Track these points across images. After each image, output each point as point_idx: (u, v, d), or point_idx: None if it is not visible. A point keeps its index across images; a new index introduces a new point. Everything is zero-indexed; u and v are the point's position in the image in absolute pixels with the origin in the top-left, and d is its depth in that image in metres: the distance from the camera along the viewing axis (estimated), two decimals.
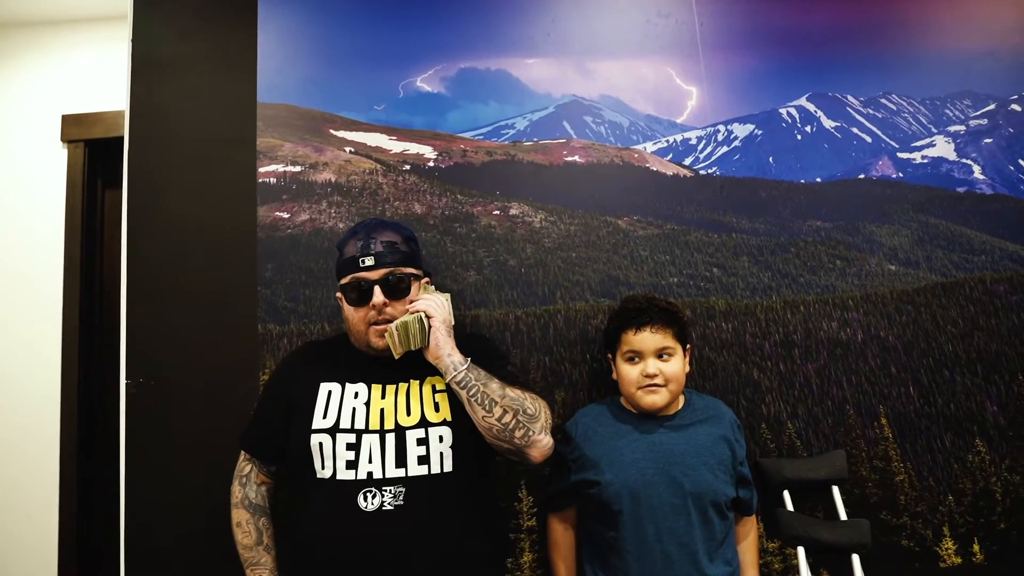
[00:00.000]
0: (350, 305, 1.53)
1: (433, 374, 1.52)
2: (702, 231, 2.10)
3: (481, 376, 1.45)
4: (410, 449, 1.44)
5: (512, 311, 2.01)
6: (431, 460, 1.45)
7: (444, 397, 1.51)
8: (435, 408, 1.50)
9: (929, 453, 1.96)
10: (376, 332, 1.51)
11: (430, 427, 1.47)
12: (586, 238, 2.08)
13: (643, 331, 1.64)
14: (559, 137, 2.15)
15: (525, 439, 1.44)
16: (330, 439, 1.45)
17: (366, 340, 1.52)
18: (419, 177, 2.10)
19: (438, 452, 1.46)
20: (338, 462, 1.43)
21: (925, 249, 2.11)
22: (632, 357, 1.65)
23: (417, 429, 1.46)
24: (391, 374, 1.52)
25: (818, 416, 1.98)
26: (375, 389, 1.50)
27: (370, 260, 1.51)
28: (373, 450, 1.43)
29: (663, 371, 1.63)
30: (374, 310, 1.50)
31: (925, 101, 2.24)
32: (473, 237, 2.06)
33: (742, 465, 1.69)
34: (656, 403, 1.64)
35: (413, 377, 1.53)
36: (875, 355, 2.02)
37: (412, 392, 1.51)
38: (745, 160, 2.18)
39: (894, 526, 1.93)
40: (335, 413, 1.48)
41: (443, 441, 1.47)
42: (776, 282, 2.06)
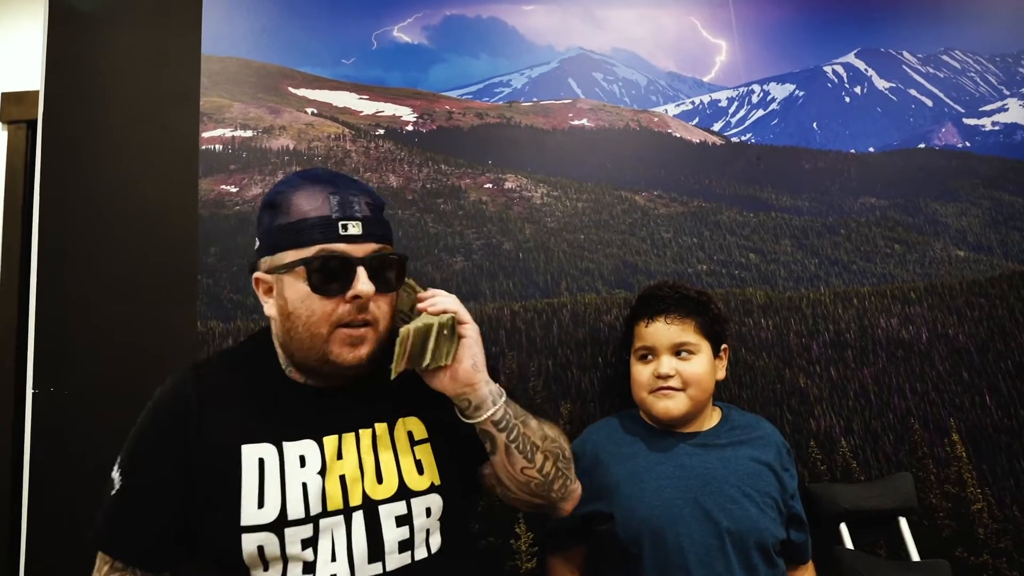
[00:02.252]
0: (314, 291, 1.02)
1: (407, 413, 1.14)
2: (735, 209, 1.94)
3: (518, 410, 1.13)
4: (387, 533, 1.05)
5: (508, 305, 1.81)
6: (415, 543, 1.07)
7: (426, 451, 1.12)
8: (417, 468, 1.11)
9: (1012, 476, 1.81)
10: (346, 339, 1.04)
11: (413, 498, 1.08)
12: (596, 217, 1.90)
13: (656, 322, 1.47)
14: (563, 97, 2.00)
15: (563, 491, 1.18)
16: (275, 539, 1.01)
17: (323, 351, 1.04)
18: (395, 143, 1.91)
19: (424, 530, 1.09)
20: (291, 566, 1.01)
21: (999, 231, 1.96)
22: (645, 355, 1.49)
23: (395, 503, 1.07)
24: (345, 415, 1.10)
25: (877, 432, 1.81)
26: (328, 444, 1.06)
27: (356, 227, 1.03)
28: (337, 541, 1.03)
29: (680, 372, 1.45)
30: (351, 304, 1.03)
31: (995, 58, 2.11)
32: (460, 215, 1.87)
33: (793, 499, 1.49)
34: (670, 411, 1.45)
35: (377, 418, 1.11)
36: (943, 358, 1.86)
37: (380, 445, 1.09)
38: (785, 126, 2.04)
39: (972, 565, 1.76)
40: (277, 498, 1.02)
41: (431, 515, 1.10)
42: (824, 270, 1.90)
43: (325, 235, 1.01)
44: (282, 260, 1.02)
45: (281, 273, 1.03)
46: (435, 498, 1.10)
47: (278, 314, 1.05)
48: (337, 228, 1.02)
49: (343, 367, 1.04)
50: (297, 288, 1.02)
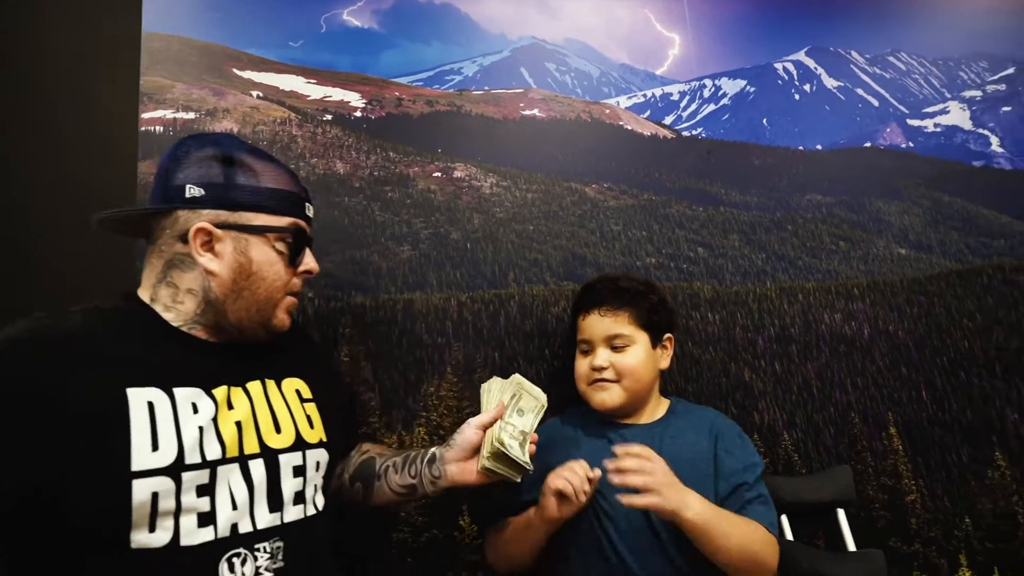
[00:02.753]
0: (287, 260, 1.09)
1: (291, 373, 1.17)
2: (685, 203, 1.93)
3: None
4: (285, 483, 1.06)
5: (455, 295, 1.77)
6: (306, 498, 1.09)
7: (313, 409, 1.17)
8: (309, 423, 1.14)
9: (944, 468, 1.84)
10: (290, 307, 1.14)
11: (308, 449, 1.11)
12: (546, 208, 1.87)
13: (591, 314, 1.47)
14: (515, 86, 1.96)
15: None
16: (172, 485, 0.93)
17: (270, 315, 1.09)
18: (343, 129, 1.85)
19: (313, 485, 1.12)
20: (184, 518, 0.94)
21: (939, 231, 1.98)
22: (585, 348, 1.49)
23: (293, 453, 1.09)
24: (233, 368, 1.08)
25: (819, 425, 1.83)
26: (220, 395, 1.03)
27: (311, 210, 1.15)
28: (236, 489, 0.99)
29: (614, 363, 1.44)
30: (299, 278, 1.14)
31: (938, 62, 2.13)
32: (408, 204, 1.82)
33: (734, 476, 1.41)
34: (605, 402, 1.45)
35: (266, 374, 1.12)
36: (883, 353, 1.88)
37: (272, 397, 1.11)
38: (735, 121, 2.03)
39: (905, 555, 1.80)
40: (173, 440, 0.95)
41: (319, 470, 1.14)
42: (771, 266, 1.90)
43: (297, 210, 1.10)
44: (249, 220, 1.05)
45: (248, 233, 1.04)
46: (323, 453, 1.14)
47: (231, 271, 1.04)
48: (304, 207, 1.12)
49: (278, 330, 1.12)
50: (267, 252, 1.06)
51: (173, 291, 1.05)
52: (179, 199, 1.03)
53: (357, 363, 1.68)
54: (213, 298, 1.04)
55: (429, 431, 1.68)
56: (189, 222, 1.02)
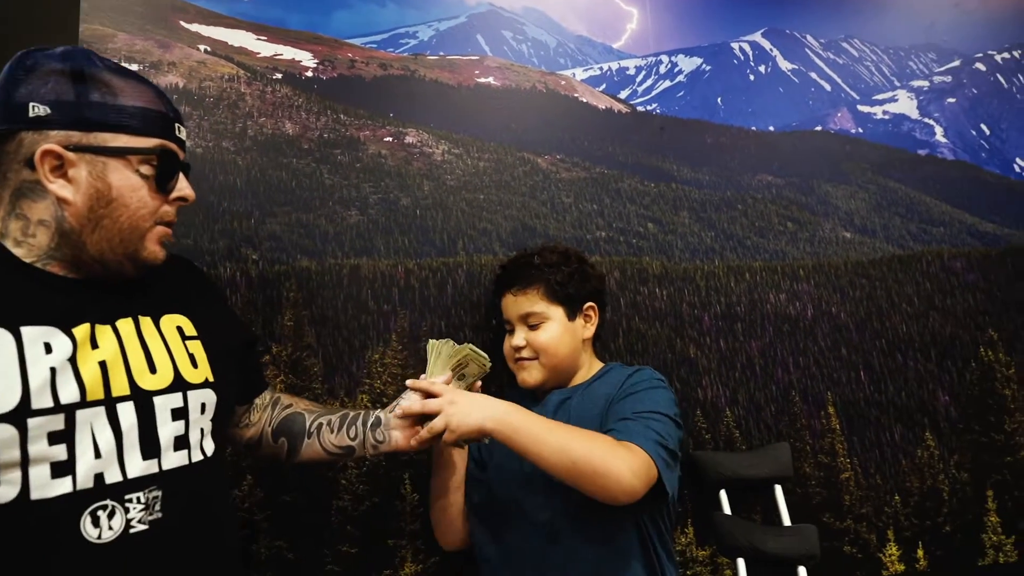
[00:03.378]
0: (155, 185, 0.98)
1: (171, 309, 1.06)
2: (637, 178, 1.92)
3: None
4: (163, 427, 0.96)
5: (402, 262, 1.73)
6: (191, 442, 1.00)
7: (198, 347, 1.06)
8: (192, 362, 1.04)
9: (877, 447, 1.89)
10: (163, 237, 1.02)
11: (189, 390, 1.01)
12: (497, 177, 1.84)
13: (506, 296, 1.47)
14: (471, 53, 1.92)
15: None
16: (14, 433, 0.84)
17: (137, 246, 0.98)
18: (293, 89, 1.79)
19: (199, 429, 1.02)
20: (33, 470, 0.85)
21: (883, 216, 2.02)
22: (508, 328, 1.49)
23: (171, 394, 0.99)
24: (100, 306, 0.98)
25: (760, 403, 1.86)
26: (80, 334, 0.92)
27: (183, 133, 1.03)
28: (99, 436, 0.90)
29: (531, 342, 1.43)
30: (173, 206, 1.02)
31: (888, 50, 2.17)
32: (358, 168, 1.77)
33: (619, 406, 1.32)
34: (526, 380, 1.45)
35: (140, 311, 1.01)
36: (826, 334, 1.92)
37: (147, 334, 1.00)
38: (690, 98, 2.03)
39: (837, 530, 1.84)
40: (16, 384, 0.85)
41: (205, 412, 1.03)
42: (720, 244, 1.91)
43: (165, 131, 0.99)
44: (107, 142, 0.93)
45: (105, 155, 0.93)
46: (210, 394, 1.04)
47: (87, 198, 0.92)
48: (174, 128, 1.01)
49: (149, 265, 1.00)
50: (128, 177, 0.95)
51: (23, 223, 0.93)
52: (22, 119, 0.90)
53: (301, 328, 1.64)
54: (68, 229, 0.93)
55: (372, 398, 1.65)
56: (35, 145, 0.90)
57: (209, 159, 1.65)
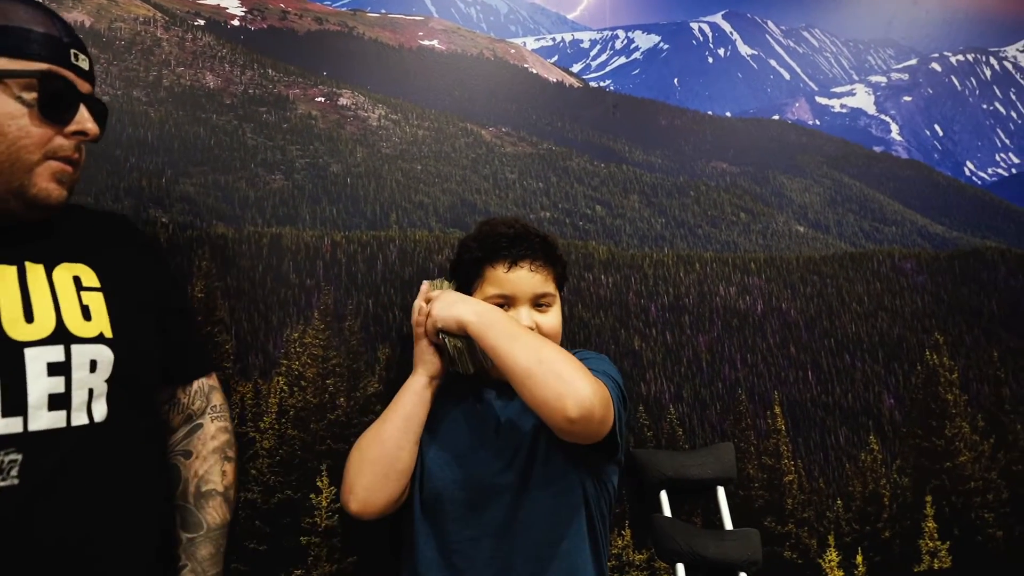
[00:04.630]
0: (40, 113, 0.91)
1: (73, 258, 0.99)
2: (586, 157, 1.85)
3: None
4: (34, 381, 0.88)
5: (329, 234, 1.62)
6: (72, 403, 0.91)
7: (98, 299, 0.98)
8: (84, 314, 0.95)
9: (822, 450, 1.86)
10: (57, 174, 0.94)
11: (74, 344, 0.93)
12: (437, 148, 1.75)
13: (520, 268, 1.30)
14: (415, 13, 1.83)
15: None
16: None
17: (23, 181, 0.91)
18: (216, 38, 1.66)
19: (86, 389, 0.93)
20: None
21: (836, 212, 2.00)
22: (501, 303, 1.30)
23: (49, 347, 0.90)
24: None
25: (706, 400, 1.80)
26: None
27: (85, 62, 0.96)
28: None
29: (540, 325, 1.30)
30: (70, 140, 0.94)
31: (848, 43, 2.16)
32: (285, 128, 1.65)
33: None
34: None
35: (28, 257, 0.95)
36: (775, 331, 1.87)
37: (32, 281, 0.93)
38: (646, 77, 1.99)
39: (778, 535, 1.80)
40: None
41: (96, 370, 0.94)
42: (670, 231, 1.85)
43: (55, 56, 0.92)
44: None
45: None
46: (103, 351, 0.95)
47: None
48: (69, 54, 0.94)
49: (42, 204, 0.93)
50: (7, 103, 0.88)
51: None
52: None
53: (213, 301, 1.51)
54: None
55: (289, 381, 1.53)
56: None
57: (117, 109, 1.51)
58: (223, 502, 1.13)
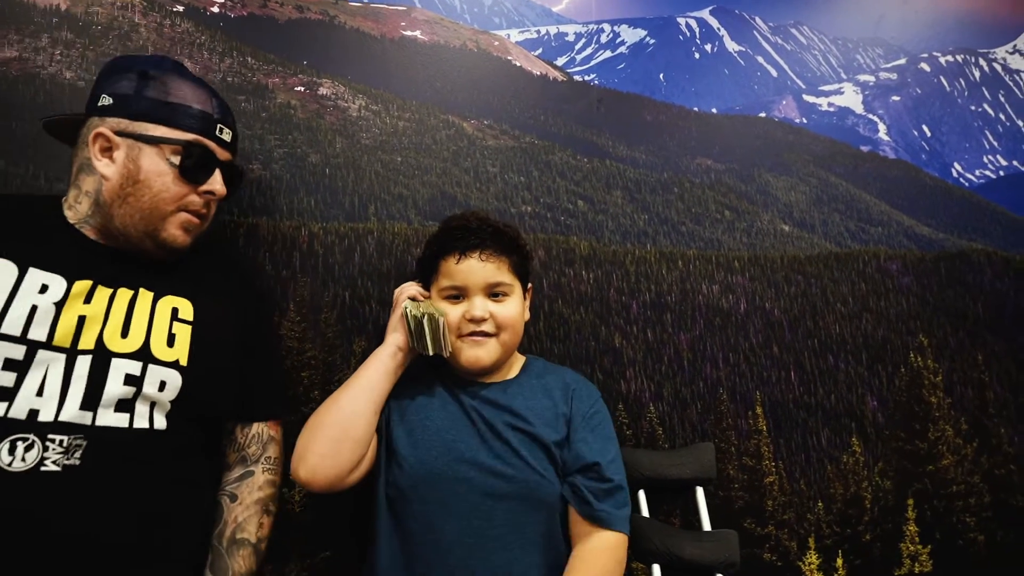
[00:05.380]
0: (181, 173, 1.13)
1: (179, 292, 1.17)
2: (569, 151, 1.83)
3: None
4: (111, 386, 1.05)
5: (306, 225, 1.61)
6: (135, 410, 1.07)
7: (186, 331, 1.15)
8: (168, 341, 1.12)
9: (803, 451, 1.84)
10: (186, 224, 1.16)
11: (151, 363, 1.10)
12: (418, 139, 1.73)
13: (469, 258, 1.30)
14: (398, 3, 1.83)
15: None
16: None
17: (158, 227, 1.13)
18: (195, 24, 1.65)
19: (149, 402, 1.09)
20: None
21: (822, 211, 1.98)
22: (454, 295, 1.31)
23: (131, 360, 1.08)
24: (112, 270, 1.12)
25: (687, 399, 1.78)
26: (79, 287, 1.07)
27: (228, 134, 1.20)
28: (50, 377, 1.02)
29: (495, 315, 1.30)
30: (201, 197, 1.16)
31: (837, 41, 2.15)
32: (264, 117, 1.64)
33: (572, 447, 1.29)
34: (481, 360, 1.30)
35: (146, 285, 1.14)
36: (758, 330, 1.85)
37: (138, 306, 1.12)
38: (631, 72, 1.96)
39: (758, 536, 1.78)
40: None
41: (164, 390, 1.10)
42: (653, 228, 1.83)
43: (203, 129, 1.15)
44: (147, 131, 1.11)
45: (143, 142, 1.10)
46: (174, 375, 1.11)
47: (120, 176, 1.10)
48: (215, 128, 1.16)
49: (169, 247, 1.15)
50: (158, 163, 1.11)
51: (76, 192, 1.14)
52: (93, 107, 1.12)
53: None
54: (102, 201, 1.11)
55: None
56: (93, 128, 1.11)
57: None
58: (253, 552, 1.19)
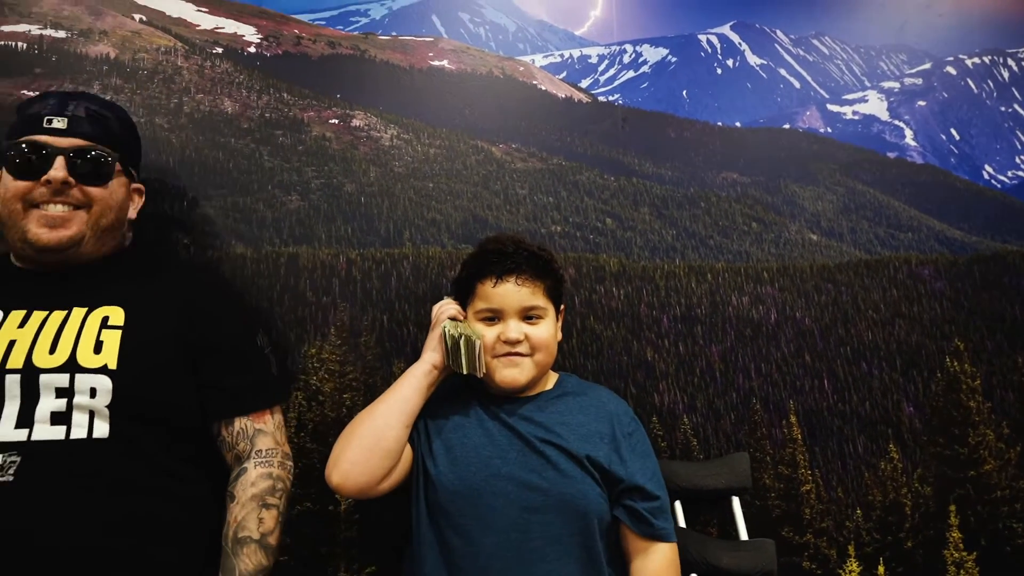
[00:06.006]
0: (9, 173, 1.17)
1: (111, 302, 1.19)
2: (596, 171, 1.89)
3: None
4: (43, 401, 1.10)
5: (344, 252, 1.69)
6: (72, 420, 1.10)
7: (114, 336, 1.16)
8: (95, 348, 1.14)
9: (840, 459, 1.85)
10: (42, 220, 1.17)
11: (78, 373, 1.12)
12: (449, 165, 1.81)
13: (506, 282, 1.34)
14: (425, 34, 1.90)
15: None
16: None
17: (21, 230, 1.17)
18: (234, 65, 1.75)
19: (86, 411, 1.11)
20: None
21: (850, 219, 1.99)
22: (490, 317, 1.36)
23: (58, 374, 1.11)
24: (47, 295, 1.19)
25: (720, 410, 1.81)
26: (14, 316, 1.15)
27: (61, 122, 1.19)
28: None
29: (530, 336, 1.34)
30: (46, 187, 1.16)
31: (859, 49, 2.16)
32: (300, 151, 1.73)
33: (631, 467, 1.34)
34: (517, 380, 1.34)
35: (78, 303, 1.18)
36: (789, 340, 1.87)
37: (69, 323, 1.16)
38: (654, 91, 2.02)
39: (796, 545, 1.79)
40: None
41: (96, 396, 1.12)
42: (681, 242, 1.88)
43: (32, 128, 1.18)
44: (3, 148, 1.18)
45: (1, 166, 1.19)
46: (103, 380, 1.12)
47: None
48: (42, 122, 1.18)
49: (44, 247, 1.16)
50: (3, 176, 1.18)
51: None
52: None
53: None
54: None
55: (308, 396, 1.60)
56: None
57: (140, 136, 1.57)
58: (258, 548, 1.17)
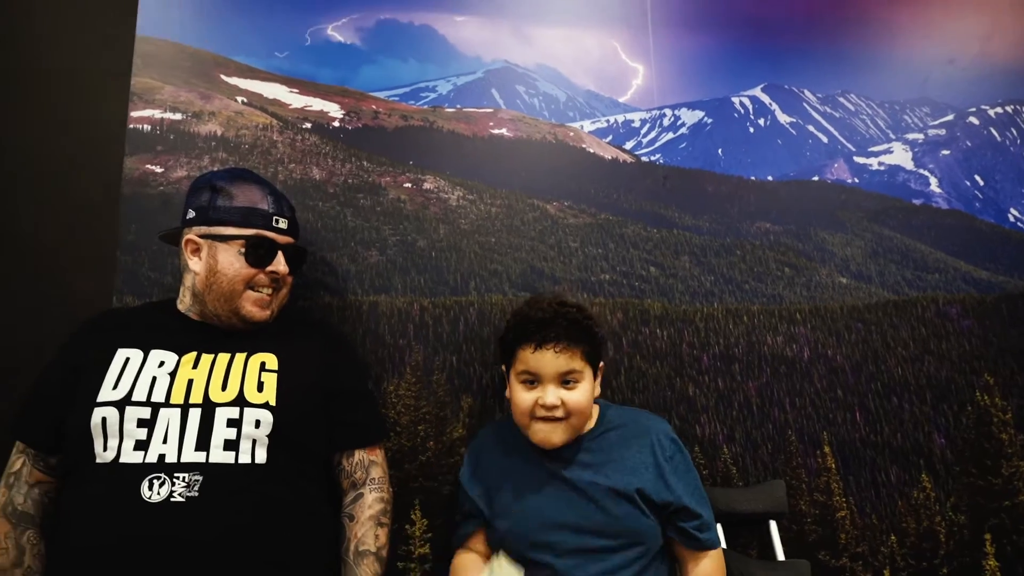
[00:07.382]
0: (247, 260, 1.38)
1: (266, 350, 1.41)
2: (640, 224, 2.01)
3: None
4: (217, 429, 1.29)
5: (418, 300, 1.86)
6: (240, 447, 1.30)
7: (272, 378, 1.38)
8: (258, 387, 1.35)
9: (873, 487, 1.91)
10: (257, 301, 1.40)
11: (247, 407, 1.32)
12: (508, 222, 1.96)
13: (545, 351, 1.39)
14: (486, 106, 2.04)
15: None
16: (117, 413, 1.26)
17: (237, 304, 1.39)
18: (321, 138, 1.94)
19: (250, 439, 1.31)
20: (124, 442, 1.25)
21: (878, 263, 2.06)
22: (529, 380, 1.41)
23: (230, 407, 1.32)
24: (214, 342, 1.40)
25: (757, 441, 1.90)
26: (187, 358, 1.36)
27: (284, 223, 1.43)
28: (171, 428, 1.27)
29: (566, 402, 1.39)
30: (267, 275, 1.41)
31: (884, 104, 2.22)
32: (378, 211, 1.91)
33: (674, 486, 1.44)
34: (552, 441, 1.41)
35: (239, 349, 1.40)
36: (822, 376, 1.95)
37: (234, 365, 1.37)
38: (692, 150, 2.11)
39: (832, 568, 1.85)
40: (129, 382, 1.30)
41: (259, 427, 1.32)
42: (719, 287, 1.98)
43: (263, 224, 1.40)
44: (221, 232, 1.38)
45: (217, 241, 1.38)
46: (266, 414, 1.32)
47: (204, 269, 1.38)
48: (272, 220, 1.41)
49: (249, 319, 1.40)
50: (230, 255, 1.38)
51: (183, 287, 1.45)
52: (183, 220, 1.43)
53: None
54: (197, 291, 1.40)
55: (388, 426, 1.74)
56: (184, 236, 1.41)
57: None
58: (375, 560, 1.40)
